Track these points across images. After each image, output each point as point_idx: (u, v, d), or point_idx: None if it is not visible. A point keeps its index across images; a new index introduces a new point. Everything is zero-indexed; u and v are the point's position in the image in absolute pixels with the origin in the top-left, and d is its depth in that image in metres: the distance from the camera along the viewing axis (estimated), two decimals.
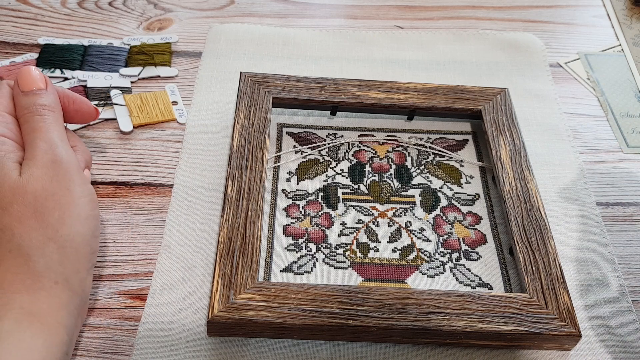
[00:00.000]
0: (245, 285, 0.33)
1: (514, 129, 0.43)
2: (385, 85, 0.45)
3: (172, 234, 0.39)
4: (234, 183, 0.38)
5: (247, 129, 0.41)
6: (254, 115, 0.42)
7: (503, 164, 0.41)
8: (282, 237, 0.39)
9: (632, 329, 0.36)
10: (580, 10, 0.58)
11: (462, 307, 0.33)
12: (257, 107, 0.42)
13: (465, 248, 0.39)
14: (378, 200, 0.41)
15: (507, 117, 0.43)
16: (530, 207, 0.38)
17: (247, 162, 0.39)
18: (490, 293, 0.34)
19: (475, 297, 0.34)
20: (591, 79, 0.51)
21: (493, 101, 0.44)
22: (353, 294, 0.33)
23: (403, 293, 0.34)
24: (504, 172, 0.40)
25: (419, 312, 0.33)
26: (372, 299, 0.33)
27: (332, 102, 0.44)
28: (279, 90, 0.43)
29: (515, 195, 0.39)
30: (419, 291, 0.34)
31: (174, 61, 0.51)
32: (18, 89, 0.34)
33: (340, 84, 0.44)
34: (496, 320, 0.33)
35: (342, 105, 0.44)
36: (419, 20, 0.56)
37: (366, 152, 0.44)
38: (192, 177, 0.42)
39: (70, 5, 0.55)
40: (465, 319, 0.33)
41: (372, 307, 0.33)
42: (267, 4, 0.57)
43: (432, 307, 0.33)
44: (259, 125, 0.41)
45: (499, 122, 0.43)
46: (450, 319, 0.33)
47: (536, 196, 0.39)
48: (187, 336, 0.34)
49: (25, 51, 0.50)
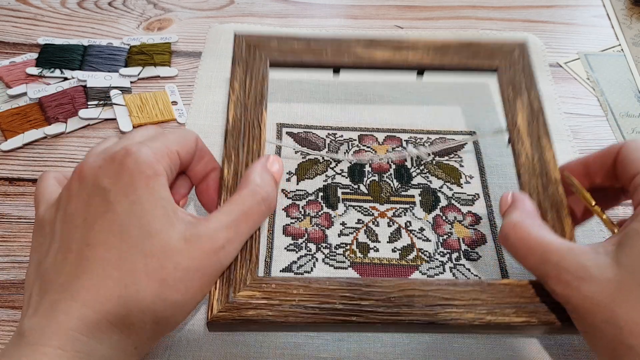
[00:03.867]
0: (244, 281, 0.31)
1: (533, 90, 0.39)
2: (392, 43, 0.41)
3: None
4: (231, 165, 0.35)
5: (242, 101, 0.38)
6: (249, 85, 0.38)
7: (519, 130, 0.38)
8: (282, 237, 0.39)
9: None
10: (580, 10, 0.58)
11: (470, 298, 0.31)
12: (254, 73, 0.39)
13: (465, 248, 0.39)
14: (378, 200, 0.41)
15: (525, 75, 0.40)
16: (547, 181, 0.36)
17: (243, 140, 0.36)
18: (500, 281, 0.32)
19: (485, 285, 0.32)
20: (591, 79, 0.51)
21: (509, 58, 0.41)
22: (357, 287, 0.32)
23: (409, 284, 0.32)
24: (519, 141, 0.37)
25: (426, 305, 0.31)
26: (376, 292, 0.31)
27: (334, 65, 0.41)
28: (276, 54, 0.40)
29: (531, 169, 0.36)
30: (426, 282, 0.32)
31: (174, 61, 0.51)
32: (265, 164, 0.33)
33: (343, 43, 0.41)
34: (506, 311, 0.31)
35: (346, 66, 0.41)
36: (419, 20, 0.56)
37: (366, 152, 0.44)
38: None
39: (70, 5, 0.55)
40: (474, 310, 0.31)
41: (376, 301, 0.31)
42: (267, 4, 0.57)
43: (440, 300, 0.31)
44: (255, 96, 0.38)
45: (515, 82, 0.40)
46: (458, 312, 0.31)
47: (553, 168, 0.36)
48: (187, 336, 0.34)
49: (25, 51, 0.51)
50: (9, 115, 0.45)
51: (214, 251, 0.29)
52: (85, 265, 0.27)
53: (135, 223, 0.27)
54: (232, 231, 0.29)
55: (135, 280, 0.27)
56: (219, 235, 0.29)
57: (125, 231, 0.27)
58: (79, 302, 0.26)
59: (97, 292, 0.26)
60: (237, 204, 0.30)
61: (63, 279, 0.27)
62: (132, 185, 0.28)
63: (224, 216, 0.30)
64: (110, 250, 0.27)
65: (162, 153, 0.30)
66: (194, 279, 0.28)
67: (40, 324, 0.26)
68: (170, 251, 0.28)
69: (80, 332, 0.26)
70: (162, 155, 0.30)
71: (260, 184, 0.31)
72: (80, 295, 0.26)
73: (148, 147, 0.30)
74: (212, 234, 0.29)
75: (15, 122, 0.45)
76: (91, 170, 0.29)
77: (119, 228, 0.27)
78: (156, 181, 0.29)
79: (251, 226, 0.31)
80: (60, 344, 0.25)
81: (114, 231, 0.27)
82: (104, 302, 0.26)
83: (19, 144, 0.44)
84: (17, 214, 0.40)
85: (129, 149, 0.29)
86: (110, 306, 0.26)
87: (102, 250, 0.27)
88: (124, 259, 0.27)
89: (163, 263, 0.27)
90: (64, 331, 0.26)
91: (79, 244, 0.27)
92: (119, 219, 0.27)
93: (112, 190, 0.28)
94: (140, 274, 0.27)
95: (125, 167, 0.28)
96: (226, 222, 0.29)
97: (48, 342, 0.25)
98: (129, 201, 0.28)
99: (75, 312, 0.26)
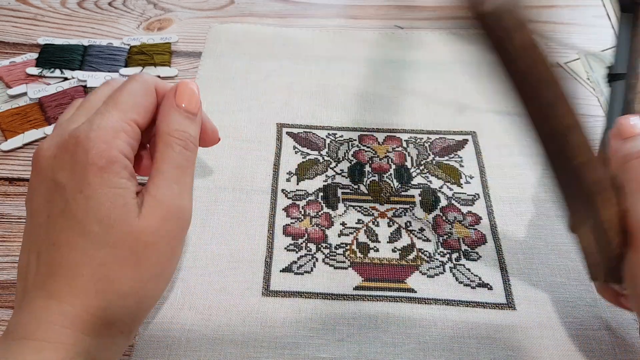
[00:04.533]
0: None
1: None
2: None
3: None
4: None
5: None
6: None
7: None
8: (282, 237, 0.39)
9: (632, 329, 0.36)
10: (580, 10, 0.58)
11: None
12: None
13: (465, 248, 0.39)
14: (378, 200, 0.41)
15: None
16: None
17: None
18: None
19: None
20: (591, 79, 0.51)
21: None
22: None
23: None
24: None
25: None
26: None
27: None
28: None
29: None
30: None
31: (174, 61, 0.51)
32: (173, 101, 0.30)
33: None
34: None
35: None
36: (419, 20, 0.56)
37: (366, 152, 0.44)
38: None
39: (70, 5, 0.55)
40: None
41: None
42: (267, 4, 0.57)
43: None
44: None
45: None
46: None
47: None
48: (187, 336, 0.34)
49: (25, 51, 0.50)
50: (9, 115, 0.45)
51: (172, 213, 0.29)
52: (55, 266, 0.27)
53: (94, 218, 0.27)
54: (175, 190, 0.29)
55: (108, 273, 0.27)
56: (166, 200, 0.28)
57: (86, 228, 0.27)
58: (56, 299, 0.26)
59: (71, 291, 0.26)
60: (165, 162, 0.29)
61: (38, 279, 0.27)
62: (84, 179, 0.27)
63: (161, 181, 0.29)
64: (74, 250, 0.27)
65: (115, 130, 0.28)
66: (162, 246, 0.28)
67: (24, 319, 0.26)
68: (135, 233, 0.27)
69: (63, 325, 0.26)
70: (116, 133, 0.28)
71: (171, 131, 0.30)
72: (57, 294, 0.26)
73: (98, 129, 0.28)
74: (163, 198, 0.28)
75: (15, 122, 0.45)
76: (46, 161, 0.28)
77: (79, 226, 0.27)
78: (109, 171, 0.27)
79: (189, 173, 0.30)
80: (45, 336, 0.26)
81: (75, 230, 0.27)
82: (82, 298, 0.26)
83: (19, 144, 0.44)
84: (17, 214, 0.40)
85: (78, 137, 0.28)
86: (89, 301, 0.27)
87: (66, 250, 0.27)
88: (90, 256, 0.27)
89: (132, 247, 0.27)
90: (46, 325, 0.26)
91: (45, 244, 0.27)
92: (77, 217, 0.27)
93: (67, 186, 0.27)
94: (111, 266, 0.27)
95: (77, 159, 0.27)
96: (165, 186, 0.29)
97: (32, 336, 0.26)
98: (84, 196, 0.27)
99: (55, 307, 0.26)
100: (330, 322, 0.35)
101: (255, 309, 0.36)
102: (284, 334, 0.35)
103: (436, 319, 0.36)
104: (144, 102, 0.30)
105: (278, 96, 0.48)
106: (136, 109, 0.29)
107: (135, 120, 0.29)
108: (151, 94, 0.31)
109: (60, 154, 0.28)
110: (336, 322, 0.35)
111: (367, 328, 0.35)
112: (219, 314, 0.35)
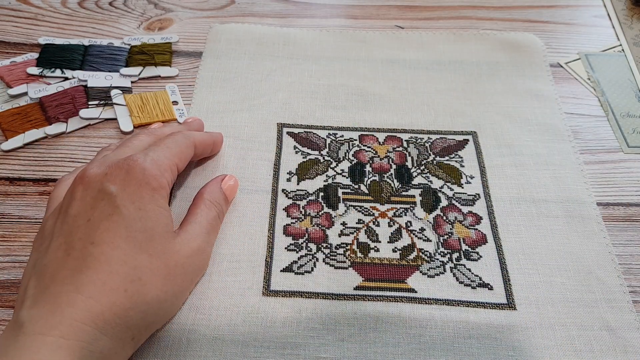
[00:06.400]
0: None
1: None
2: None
3: None
4: None
5: None
6: None
7: None
8: (282, 237, 0.39)
9: (632, 329, 0.36)
10: (581, 10, 0.58)
11: None
12: None
13: (466, 248, 0.39)
14: (378, 200, 0.41)
15: None
16: None
17: None
18: None
19: None
20: (592, 79, 0.51)
21: None
22: None
23: None
24: None
25: None
26: None
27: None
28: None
29: None
30: None
31: (175, 61, 0.51)
32: (221, 181, 0.39)
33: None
34: None
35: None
36: (419, 20, 0.56)
37: (366, 152, 0.44)
38: (192, 177, 0.42)
39: (70, 5, 0.55)
40: None
41: None
42: (267, 4, 0.57)
43: None
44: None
45: None
46: None
47: None
48: (187, 336, 0.34)
49: (25, 51, 0.51)
50: (9, 115, 0.45)
51: (197, 252, 0.34)
52: (90, 261, 0.28)
53: (140, 227, 0.30)
54: (205, 238, 0.35)
55: (142, 276, 0.29)
56: (198, 240, 0.34)
57: (131, 233, 0.30)
58: (84, 295, 0.27)
59: (103, 286, 0.28)
60: (202, 217, 0.35)
61: (66, 273, 0.28)
62: (138, 193, 0.31)
63: (197, 226, 0.35)
64: (116, 249, 0.29)
65: (165, 166, 0.33)
66: (187, 273, 0.33)
67: (41, 314, 0.27)
68: (170, 252, 0.32)
69: (84, 322, 0.27)
70: (165, 169, 0.33)
71: (213, 200, 0.37)
72: (86, 288, 0.28)
73: (153, 160, 0.33)
74: (193, 239, 0.34)
75: (15, 121, 0.45)
76: (96, 177, 0.31)
77: (125, 230, 0.30)
78: (160, 193, 0.32)
79: (215, 235, 0.37)
80: (63, 333, 0.26)
81: (120, 232, 0.29)
82: (110, 295, 0.28)
83: (20, 143, 0.44)
84: (18, 213, 0.40)
85: (136, 159, 0.32)
86: (116, 299, 0.28)
87: (107, 248, 0.29)
88: (130, 257, 0.29)
89: (166, 262, 0.31)
90: (68, 321, 0.27)
91: (82, 242, 0.29)
92: (125, 222, 0.30)
93: (118, 195, 0.30)
94: (146, 271, 0.29)
95: (133, 176, 0.31)
96: (199, 231, 0.34)
97: (49, 332, 0.26)
98: (135, 207, 0.30)
99: (80, 303, 0.27)
100: (330, 322, 0.35)
101: (256, 309, 0.36)
102: (284, 334, 0.35)
103: (437, 319, 0.36)
104: (186, 152, 0.36)
105: (278, 96, 0.48)
106: (179, 156, 0.35)
107: (176, 165, 0.35)
108: (192, 147, 0.37)
109: (112, 171, 0.32)
110: (337, 322, 0.35)
111: (367, 328, 0.35)
112: (219, 314, 0.35)
